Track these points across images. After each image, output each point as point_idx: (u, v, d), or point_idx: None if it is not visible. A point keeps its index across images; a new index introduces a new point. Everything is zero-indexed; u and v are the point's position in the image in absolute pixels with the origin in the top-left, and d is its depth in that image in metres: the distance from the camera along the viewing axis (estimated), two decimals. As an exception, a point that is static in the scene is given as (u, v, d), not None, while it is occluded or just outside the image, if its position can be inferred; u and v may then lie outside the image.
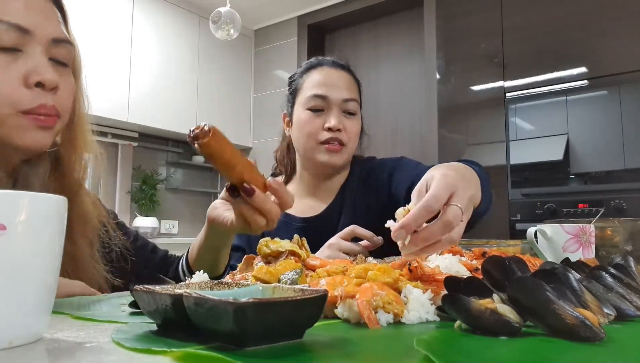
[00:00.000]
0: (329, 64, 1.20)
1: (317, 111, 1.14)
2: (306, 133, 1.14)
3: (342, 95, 1.14)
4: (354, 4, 3.42)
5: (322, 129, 1.13)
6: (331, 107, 1.14)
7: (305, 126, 1.14)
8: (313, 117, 1.14)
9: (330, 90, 1.14)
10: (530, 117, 2.58)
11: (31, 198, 0.38)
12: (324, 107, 1.14)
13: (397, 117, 3.26)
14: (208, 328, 0.37)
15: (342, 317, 0.48)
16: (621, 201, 2.25)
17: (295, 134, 1.19)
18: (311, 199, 1.23)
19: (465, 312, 0.41)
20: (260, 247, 0.68)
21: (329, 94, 1.14)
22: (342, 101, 1.14)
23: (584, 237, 0.86)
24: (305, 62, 1.26)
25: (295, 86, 1.22)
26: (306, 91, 1.17)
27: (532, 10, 2.57)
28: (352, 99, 1.16)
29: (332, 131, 1.12)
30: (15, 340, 0.37)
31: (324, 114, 1.14)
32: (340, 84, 1.16)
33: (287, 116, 1.24)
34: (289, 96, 1.24)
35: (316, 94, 1.14)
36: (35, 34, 0.66)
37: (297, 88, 1.20)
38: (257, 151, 3.88)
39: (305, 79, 1.19)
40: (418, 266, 0.55)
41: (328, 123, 1.12)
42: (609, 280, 0.52)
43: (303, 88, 1.18)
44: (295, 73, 1.25)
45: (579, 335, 0.37)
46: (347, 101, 1.15)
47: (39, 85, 0.66)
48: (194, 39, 3.55)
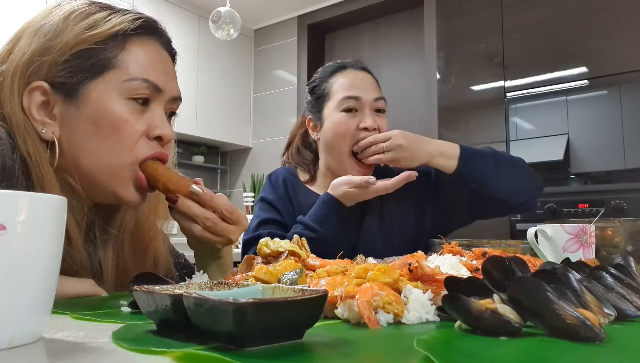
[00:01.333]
0: (353, 66, 1.25)
1: (351, 112, 1.18)
2: (341, 134, 1.17)
3: (372, 95, 1.20)
4: (354, 4, 3.41)
5: (357, 129, 1.17)
6: (364, 108, 1.18)
7: (341, 127, 1.18)
8: (348, 118, 1.18)
9: (361, 91, 1.19)
10: (531, 117, 2.58)
11: (31, 198, 0.38)
12: (358, 108, 1.18)
13: (397, 117, 3.26)
14: (208, 328, 0.36)
15: (342, 317, 0.48)
16: (621, 201, 2.25)
17: (327, 136, 1.21)
18: None
19: (466, 312, 0.41)
20: (260, 247, 0.68)
21: (361, 95, 1.18)
22: (373, 100, 1.20)
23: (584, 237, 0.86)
24: (326, 66, 1.29)
25: (321, 91, 1.24)
26: (337, 93, 1.20)
27: (532, 10, 2.57)
28: (381, 98, 1.22)
29: (368, 131, 1.17)
30: (15, 340, 0.37)
31: (358, 114, 1.18)
32: (368, 84, 1.21)
33: (312, 121, 1.26)
34: (312, 102, 1.26)
35: (349, 96, 1.18)
36: (164, 92, 0.74)
37: (325, 93, 1.23)
38: (257, 151, 3.88)
39: (333, 83, 1.23)
40: (418, 266, 0.55)
41: (364, 123, 1.17)
42: (609, 280, 0.52)
43: (333, 92, 1.21)
44: (315, 79, 1.28)
45: (580, 335, 0.37)
46: (378, 99, 1.20)
47: (158, 138, 0.73)
48: (193, 39, 3.55)
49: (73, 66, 0.68)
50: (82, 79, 0.68)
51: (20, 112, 0.67)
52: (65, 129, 0.69)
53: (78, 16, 0.70)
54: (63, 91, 0.68)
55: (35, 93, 0.68)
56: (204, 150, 3.86)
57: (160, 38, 0.77)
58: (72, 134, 0.69)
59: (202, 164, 3.83)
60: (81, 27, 0.69)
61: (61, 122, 0.69)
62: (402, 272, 0.55)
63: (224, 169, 4.07)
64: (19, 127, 0.67)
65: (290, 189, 1.25)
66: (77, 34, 0.68)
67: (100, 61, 0.69)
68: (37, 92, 0.68)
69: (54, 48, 0.68)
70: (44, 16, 0.71)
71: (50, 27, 0.69)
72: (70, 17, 0.69)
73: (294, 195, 1.24)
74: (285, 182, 1.26)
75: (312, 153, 1.30)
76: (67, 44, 0.68)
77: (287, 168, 1.31)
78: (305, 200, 1.21)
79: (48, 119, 0.69)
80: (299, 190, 1.25)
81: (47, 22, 0.69)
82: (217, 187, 4.07)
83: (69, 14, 0.70)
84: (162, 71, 0.74)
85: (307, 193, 1.24)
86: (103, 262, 0.76)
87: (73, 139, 0.69)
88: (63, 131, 0.69)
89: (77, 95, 0.68)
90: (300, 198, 1.23)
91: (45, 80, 0.68)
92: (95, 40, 0.69)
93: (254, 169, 3.80)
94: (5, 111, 0.67)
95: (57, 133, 0.68)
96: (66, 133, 0.69)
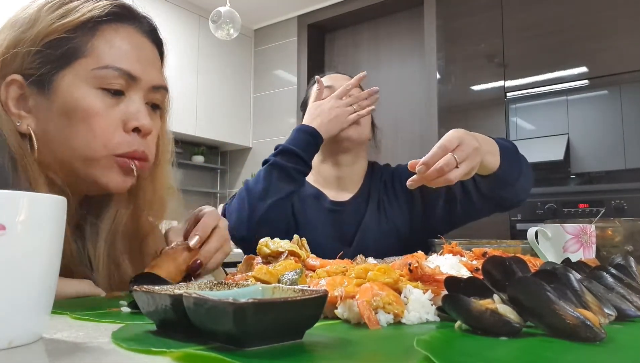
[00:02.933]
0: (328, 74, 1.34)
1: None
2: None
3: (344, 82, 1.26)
4: (354, 3, 3.41)
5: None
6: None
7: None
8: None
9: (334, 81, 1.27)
10: (531, 117, 2.58)
11: (30, 198, 0.38)
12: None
13: (397, 117, 3.26)
14: (208, 328, 0.36)
15: (342, 318, 0.48)
16: (622, 201, 2.25)
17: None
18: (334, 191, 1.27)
19: (466, 312, 0.41)
20: (260, 247, 0.68)
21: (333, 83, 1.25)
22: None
23: (584, 237, 0.86)
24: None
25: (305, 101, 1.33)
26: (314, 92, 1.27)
27: (532, 10, 2.57)
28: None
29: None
30: (15, 340, 0.37)
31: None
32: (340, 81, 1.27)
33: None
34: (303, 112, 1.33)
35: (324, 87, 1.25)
36: (140, 81, 0.69)
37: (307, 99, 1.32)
38: (257, 151, 3.88)
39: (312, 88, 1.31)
40: (418, 267, 0.55)
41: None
42: (609, 280, 0.52)
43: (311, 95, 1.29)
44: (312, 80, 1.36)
45: (580, 336, 0.37)
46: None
47: (136, 130, 0.69)
48: (193, 39, 3.55)
49: (44, 57, 0.66)
50: (52, 69, 0.66)
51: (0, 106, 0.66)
52: (39, 121, 0.67)
53: (51, 7, 0.68)
54: (34, 82, 0.67)
55: (12, 87, 0.67)
56: (204, 150, 3.86)
57: (138, 25, 0.74)
58: (46, 126, 0.67)
59: (202, 164, 3.83)
60: (53, 17, 0.67)
61: (36, 114, 0.67)
62: (402, 272, 0.55)
63: (224, 169, 4.07)
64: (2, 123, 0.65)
65: None
66: (49, 24, 0.67)
67: (69, 50, 0.67)
68: (13, 85, 0.67)
69: (26, 39, 0.66)
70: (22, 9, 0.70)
71: (24, 19, 0.68)
72: (44, 8, 0.68)
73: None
74: None
75: None
76: (39, 34, 0.66)
77: None
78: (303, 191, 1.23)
79: (24, 112, 0.67)
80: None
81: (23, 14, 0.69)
82: (217, 187, 4.07)
83: (43, 5, 0.68)
84: (137, 58, 0.70)
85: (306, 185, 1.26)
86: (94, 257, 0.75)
87: (47, 131, 0.67)
88: (37, 124, 0.67)
89: (48, 86, 0.67)
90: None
91: (20, 72, 0.67)
92: (66, 28, 0.67)
93: (254, 169, 3.80)
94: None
95: (32, 126, 0.67)
96: (40, 126, 0.67)
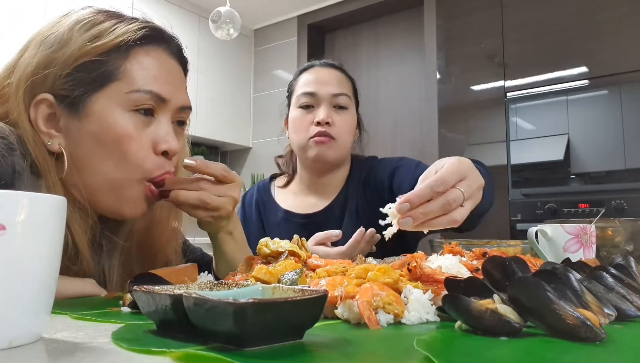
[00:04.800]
0: (319, 64, 1.25)
1: (308, 108, 1.19)
2: (297, 129, 1.19)
3: (330, 90, 1.18)
4: (354, 3, 3.41)
5: (312, 124, 1.17)
6: (320, 103, 1.18)
7: (296, 123, 1.19)
8: (304, 114, 1.18)
9: (319, 86, 1.18)
10: (531, 117, 2.58)
11: (31, 198, 0.38)
12: (314, 104, 1.18)
13: (397, 117, 3.26)
14: (208, 328, 0.36)
15: (342, 318, 0.48)
16: (622, 201, 2.24)
17: (290, 134, 1.24)
18: (312, 197, 1.27)
19: (466, 312, 0.41)
20: (260, 247, 0.68)
21: (317, 90, 1.18)
22: (332, 96, 1.18)
23: (584, 237, 0.86)
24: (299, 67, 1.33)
25: (290, 89, 1.28)
26: (297, 91, 1.22)
27: (532, 10, 2.57)
28: (342, 94, 1.19)
29: (321, 125, 1.15)
30: (15, 340, 0.37)
31: (314, 110, 1.18)
32: (329, 80, 1.20)
33: (286, 120, 1.29)
34: (287, 101, 1.30)
35: (305, 92, 1.19)
36: (169, 103, 0.72)
37: (291, 91, 1.26)
38: (257, 151, 3.88)
39: (298, 81, 1.24)
40: (417, 266, 0.55)
41: (317, 117, 1.16)
42: (609, 280, 0.52)
43: (295, 90, 1.23)
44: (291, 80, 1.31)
45: (580, 336, 0.37)
46: (337, 95, 1.19)
47: (165, 153, 0.71)
48: (193, 39, 3.55)
49: (76, 79, 0.67)
50: (85, 92, 0.67)
51: (28, 124, 0.66)
52: (70, 142, 0.68)
53: (83, 27, 0.68)
54: (67, 104, 0.67)
55: (42, 106, 0.67)
56: (204, 150, 3.85)
57: (167, 46, 0.76)
58: (77, 148, 0.68)
59: (202, 164, 3.83)
60: (85, 39, 0.67)
61: (66, 134, 0.68)
62: (402, 272, 0.55)
63: (224, 169, 4.06)
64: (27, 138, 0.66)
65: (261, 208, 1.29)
66: (81, 46, 0.67)
67: (103, 73, 0.68)
68: (43, 105, 0.67)
69: (58, 60, 0.67)
70: (51, 26, 0.70)
71: (55, 38, 0.68)
72: (75, 28, 0.68)
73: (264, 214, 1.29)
74: (258, 203, 1.31)
75: None
76: (71, 56, 0.67)
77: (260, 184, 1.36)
78: (274, 218, 1.26)
79: (54, 131, 0.68)
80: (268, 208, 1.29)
81: (52, 33, 0.69)
82: (217, 187, 4.07)
83: (75, 24, 0.68)
84: (166, 80, 0.72)
85: (275, 209, 1.27)
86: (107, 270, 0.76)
87: (77, 153, 0.68)
88: (68, 144, 0.68)
89: (79, 109, 0.67)
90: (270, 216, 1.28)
91: (50, 92, 0.67)
92: (99, 52, 0.68)
93: (254, 169, 3.80)
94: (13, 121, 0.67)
95: (63, 145, 0.67)
96: (70, 147, 0.68)
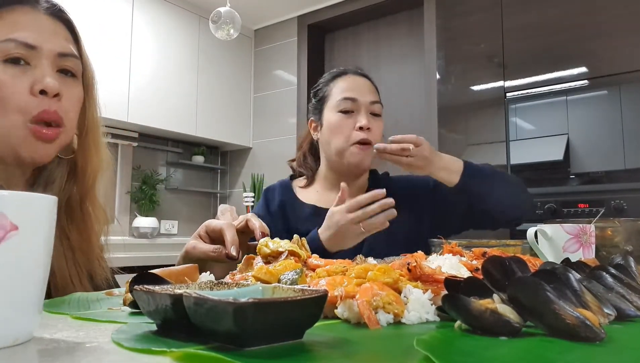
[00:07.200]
0: (353, 72, 1.33)
1: (348, 113, 1.25)
2: (339, 133, 1.24)
3: (369, 98, 1.26)
4: (354, 4, 3.41)
5: (354, 129, 1.23)
6: (360, 109, 1.25)
7: (338, 127, 1.25)
8: (344, 119, 1.25)
9: (358, 93, 1.26)
10: (531, 117, 2.58)
11: (40, 199, 0.39)
12: (354, 109, 1.25)
13: (397, 117, 3.25)
14: (208, 328, 0.36)
15: (342, 317, 0.48)
16: (621, 201, 2.25)
17: (325, 136, 1.28)
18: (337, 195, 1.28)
19: (466, 312, 0.41)
20: (260, 247, 0.68)
21: (358, 97, 1.25)
22: (370, 103, 1.26)
23: (584, 237, 0.86)
24: (330, 72, 1.38)
25: (322, 93, 1.32)
26: (336, 95, 1.27)
27: (532, 10, 2.57)
28: (377, 102, 1.29)
29: (363, 130, 1.22)
30: (20, 338, 0.38)
31: (354, 115, 1.25)
32: (365, 88, 1.28)
33: (314, 122, 1.34)
34: (315, 103, 1.34)
35: (346, 97, 1.25)
36: (41, 49, 0.75)
37: (326, 95, 1.31)
38: (257, 151, 3.88)
39: (333, 86, 1.30)
40: (417, 266, 0.55)
41: (359, 123, 1.23)
42: (609, 280, 0.52)
43: (332, 94, 1.29)
44: (319, 83, 1.36)
45: (579, 335, 0.37)
46: (374, 103, 1.27)
47: (43, 92, 0.74)
48: (193, 39, 3.55)
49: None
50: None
51: None
52: None
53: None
54: None
55: None
56: (204, 150, 3.86)
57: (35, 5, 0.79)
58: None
59: (202, 164, 3.83)
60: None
61: None
62: (402, 272, 0.55)
63: (224, 169, 4.06)
64: None
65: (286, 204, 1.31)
66: None
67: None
68: None
69: None
70: None
71: None
72: None
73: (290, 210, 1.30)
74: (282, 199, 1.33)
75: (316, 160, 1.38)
76: None
77: (283, 182, 1.39)
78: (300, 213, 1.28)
79: None
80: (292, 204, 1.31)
81: None
82: (217, 187, 4.07)
83: None
84: (34, 30, 0.76)
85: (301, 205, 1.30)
86: None
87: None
88: None
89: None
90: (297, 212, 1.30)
91: None
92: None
93: (254, 169, 3.80)
94: None
95: None
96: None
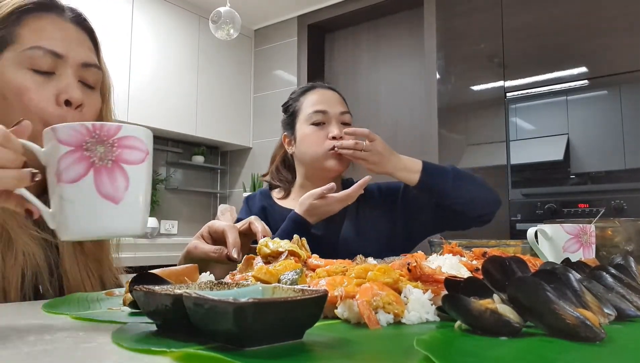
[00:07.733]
0: (321, 86, 1.39)
1: (319, 125, 1.31)
2: (313, 144, 1.30)
3: (338, 109, 1.33)
4: (354, 4, 3.41)
5: (327, 139, 1.29)
6: (331, 120, 1.31)
7: (312, 139, 1.31)
8: (317, 130, 1.31)
9: (328, 106, 1.32)
10: (531, 117, 2.58)
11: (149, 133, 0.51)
12: (325, 121, 1.32)
13: (397, 117, 3.26)
14: (208, 328, 0.36)
15: (342, 317, 0.48)
16: (622, 201, 2.25)
17: (300, 149, 1.34)
18: None
19: (466, 312, 0.41)
20: (260, 247, 0.68)
21: (327, 109, 1.31)
22: (340, 113, 1.32)
23: (584, 237, 0.86)
24: (298, 88, 1.45)
25: (293, 108, 1.39)
26: (307, 109, 1.33)
27: (532, 10, 2.57)
28: (347, 112, 1.35)
29: (336, 140, 1.28)
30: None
31: (325, 127, 1.31)
32: (334, 100, 1.35)
33: (287, 137, 1.39)
34: (287, 119, 1.41)
35: (317, 110, 1.31)
36: (67, 58, 0.76)
37: (297, 110, 1.38)
38: (257, 151, 3.88)
39: (303, 101, 1.36)
40: (417, 266, 0.55)
41: (331, 133, 1.30)
42: (609, 280, 0.52)
43: (303, 108, 1.35)
44: (289, 100, 1.43)
45: (579, 335, 0.37)
46: (343, 113, 1.33)
47: (67, 103, 0.75)
48: (193, 39, 3.55)
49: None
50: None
51: None
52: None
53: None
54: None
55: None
56: (204, 150, 3.86)
57: (60, 13, 0.81)
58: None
59: (202, 164, 3.83)
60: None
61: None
62: (402, 272, 0.55)
63: (224, 169, 4.06)
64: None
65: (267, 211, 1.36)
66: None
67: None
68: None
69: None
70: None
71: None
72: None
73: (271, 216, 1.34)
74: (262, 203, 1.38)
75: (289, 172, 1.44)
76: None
77: (261, 191, 1.45)
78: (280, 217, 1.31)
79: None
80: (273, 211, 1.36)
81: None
82: (217, 187, 4.07)
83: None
84: (61, 38, 0.77)
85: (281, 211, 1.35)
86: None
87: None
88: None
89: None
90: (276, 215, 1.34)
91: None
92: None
93: (254, 169, 3.80)
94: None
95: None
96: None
